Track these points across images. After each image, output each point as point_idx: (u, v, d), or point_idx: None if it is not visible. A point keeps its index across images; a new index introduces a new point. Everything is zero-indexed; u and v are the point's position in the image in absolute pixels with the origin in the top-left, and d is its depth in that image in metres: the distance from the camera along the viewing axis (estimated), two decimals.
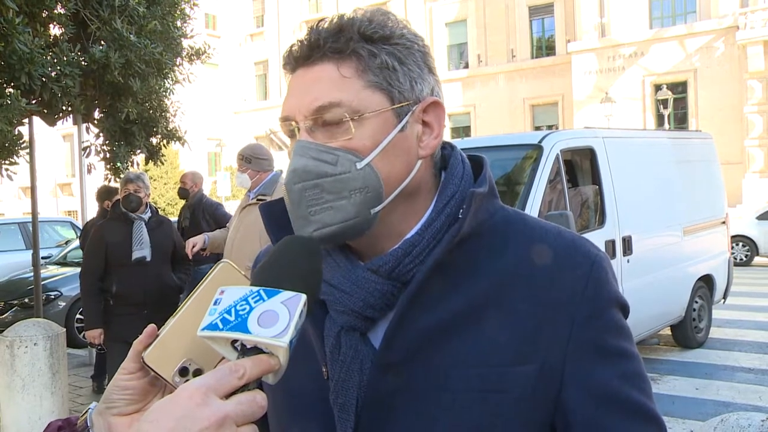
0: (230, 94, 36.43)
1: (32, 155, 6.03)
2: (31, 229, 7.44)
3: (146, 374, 0.77)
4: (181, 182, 6.77)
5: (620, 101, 25.07)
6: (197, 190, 6.63)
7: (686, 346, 7.18)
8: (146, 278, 4.53)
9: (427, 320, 0.84)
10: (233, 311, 0.65)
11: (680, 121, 25.47)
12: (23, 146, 5.44)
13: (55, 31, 5.59)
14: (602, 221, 5.81)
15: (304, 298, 0.66)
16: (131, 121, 5.97)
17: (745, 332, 7.95)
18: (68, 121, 6.50)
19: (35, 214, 6.69)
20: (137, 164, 6.73)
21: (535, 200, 5.15)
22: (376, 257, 0.87)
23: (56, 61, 5.10)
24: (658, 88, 24.87)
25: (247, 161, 4.12)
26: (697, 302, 7.14)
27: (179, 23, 6.40)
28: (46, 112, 5.67)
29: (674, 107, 24.36)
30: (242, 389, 0.62)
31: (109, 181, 6.58)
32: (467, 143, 6.58)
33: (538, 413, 0.84)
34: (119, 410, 0.77)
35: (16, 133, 5.27)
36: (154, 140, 6.56)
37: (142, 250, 4.53)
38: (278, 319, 0.64)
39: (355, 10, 0.87)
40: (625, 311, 0.89)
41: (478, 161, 0.95)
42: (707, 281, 7.34)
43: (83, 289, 4.70)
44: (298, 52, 0.87)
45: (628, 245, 5.92)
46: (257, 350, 0.65)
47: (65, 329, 4.74)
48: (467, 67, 31.01)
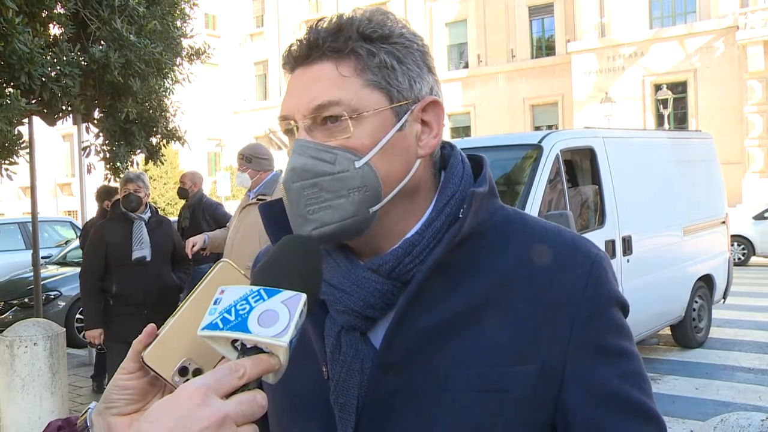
0: (230, 94, 36.42)
1: (32, 155, 6.03)
2: (31, 229, 7.44)
3: (146, 374, 0.77)
4: (180, 182, 6.77)
5: (620, 101, 25.07)
6: (197, 190, 6.63)
7: (686, 345, 7.18)
8: (146, 278, 4.53)
9: (427, 320, 0.84)
10: (233, 311, 0.65)
11: (680, 121, 25.48)
12: (23, 146, 5.44)
13: (54, 30, 5.58)
14: (602, 221, 5.81)
15: (304, 297, 0.66)
16: (131, 121, 5.97)
17: (745, 332, 7.94)
18: (68, 121, 6.49)
19: (35, 214, 6.69)
20: (137, 164, 6.73)
21: (535, 200, 5.15)
22: (375, 257, 0.87)
23: (56, 60, 5.10)
24: (658, 88, 24.87)
25: (247, 161, 4.12)
26: (697, 302, 7.14)
27: (179, 23, 6.40)
28: (46, 111, 5.67)
29: (674, 107, 24.36)
30: (242, 389, 0.62)
31: (109, 181, 6.57)
32: (467, 143, 6.58)
33: (538, 413, 0.83)
34: (119, 410, 0.77)
35: (16, 133, 5.27)
36: (154, 140, 6.56)
37: (142, 250, 4.54)
38: (278, 318, 0.64)
39: (354, 9, 0.87)
40: (625, 310, 0.89)
41: (478, 161, 0.95)
42: (707, 281, 7.34)
43: (83, 289, 4.70)
44: (297, 51, 0.87)
45: (627, 245, 5.92)
46: (257, 350, 0.65)
47: (65, 329, 4.74)
48: (467, 67, 31.01)
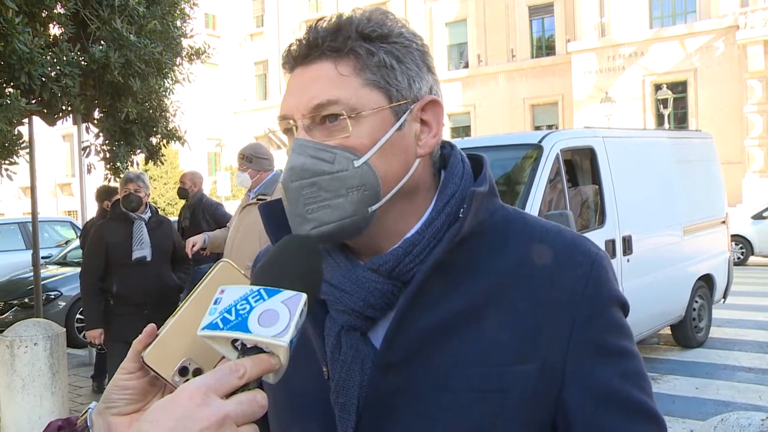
0: (230, 94, 36.42)
1: (32, 155, 6.03)
2: (31, 229, 7.44)
3: (146, 374, 0.77)
4: (180, 182, 6.77)
5: (620, 101, 25.07)
6: (197, 190, 6.62)
7: (686, 345, 7.18)
8: (146, 278, 4.53)
9: (427, 320, 0.84)
10: (233, 310, 0.65)
11: (680, 120, 25.47)
12: (23, 146, 5.44)
13: (54, 30, 5.58)
14: (602, 221, 5.81)
15: (304, 297, 0.66)
16: (131, 120, 5.97)
17: (745, 332, 7.94)
18: (68, 121, 6.49)
19: (35, 214, 6.69)
20: (137, 164, 6.73)
21: (535, 200, 5.15)
22: (376, 256, 0.87)
23: (56, 60, 5.09)
24: (658, 87, 24.87)
25: (247, 160, 4.12)
26: (697, 302, 7.14)
27: (179, 23, 6.40)
28: (45, 111, 5.67)
29: (674, 107, 24.35)
30: (243, 389, 0.62)
31: (109, 181, 6.57)
32: (467, 143, 6.59)
33: (538, 413, 0.83)
34: (119, 410, 0.77)
35: (15, 133, 5.26)
36: (154, 140, 6.56)
37: (142, 250, 4.54)
38: (279, 318, 0.64)
39: (354, 9, 0.87)
40: (625, 310, 0.89)
41: (478, 160, 0.95)
42: (707, 281, 7.34)
43: (83, 289, 4.70)
44: (296, 51, 0.87)
45: (628, 245, 5.92)
46: (258, 350, 0.64)
47: (65, 329, 4.74)
48: (467, 66, 31.00)
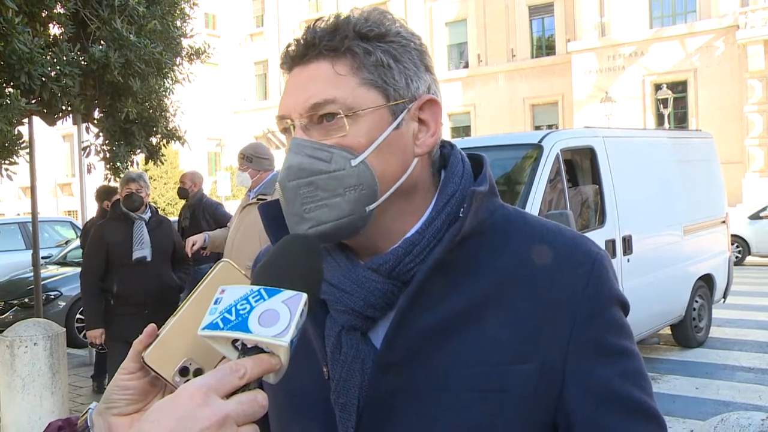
0: (230, 93, 36.42)
1: (32, 155, 6.03)
2: (31, 229, 7.44)
3: (146, 374, 0.77)
4: (180, 182, 6.77)
5: (620, 101, 25.07)
6: (197, 190, 6.62)
7: (686, 345, 7.17)
8: (147, 278, 4.53)
9: (427, 320, 0.84)
10: (234, 310, 0.65)
11: (680, 120, 25.47)
12: (23, 146, 5.44)
13: (54, 30, 5.58)
14: (602, 221, 5.81)
15: (305, 297, 0.66)
16: (131, 120, 5.97)
17: (745, 331, 7.94)
18: (68, 120, 6.49)
19: (35, 214, 6.69)
20: (137, 164, 6.73)
21: (535, 200, 5.15)
22: (376, 256, 0.87)
23: (56, 60, 5.09)
24: (658, 87, 24.86)
25: (248, 160, 4.11)
26: (697, 301, 7.14)
27: (179, 23, 6.40)
28: (45, 111, 5.67)
29: (674, 107, 24.35)
30: (243, 389, 0.62)
31: (109, 181, 6.57)
32: (467, 143, 6.59)
33: (538, 413, 0.83)
34: (119, 410, 0.77)
35: (15, 132, 5.27)
36: (153, 140, 6.56)
37: (142, 250, 4.54)
38: (279, 318, 0.64)
39: (352, 9, 0.87)
40: (625, 309, 0.89)
41: (477, 160, 0.95)
42: (707, 280, 7.34)
43: (84, 289, 4.70)
44: (294, 51, 0.87)
45: (628, 245, 5.92)
46: (258, 350, 0.64)
47: (65, 329, 4.74)
48: (467, 66, 31.00)
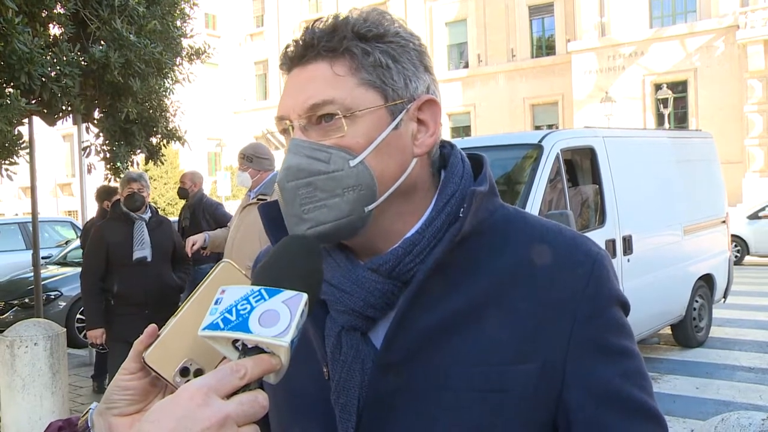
0: (230, 93, 36.42)
1: (32, 155, 6.03)
2: (31, 229, 7.44)
3: (147, 374, 0.77)
4: (180, 182, 6.77)
5: (620, 101, 25.07)
6: (197, 189, 6.62)
7: (687, 345, 7.17)
8: (147, 278, 4.53)
9: (427, 320, 0.84)
10: (234, 311, 0.65)
11: (680, 120, 25.47)
12: (23, 146, 5.44)
13: (54, 30, 5.58)
14: (602, 220, 5.81)
15: (305, 297, 0.66)
16: (131, 120, 5.97)
17: (745, 331, 7.94)
18: (68, 121, 6.49)
19: (35, 214, 6.69)
20: (137, 164, 6.73)
21: (535, 200, 5.15)
22: (375, 256, 0.86)
23: (56, 60, 5.09)
24: (658, 87, 24.86)
25: (248, 160, 4.11)
26: (697, 301, 7.14)
27: (179, 23, 6.40)
28: (45, 112, 5.67)
29: (674, 106, 24.35)
30: (244, 389, 0.62)
31: (109, 181, 6.57)
32: (467, 143, 6.58)
33: (538, 413, 0.83)
34: (120, 411, 0.77)
35: (16, 133, 5.26)
36: (154, 140, 6.56)
37: (143, 250, 4.53)
38: (279, 318, 0.64)
39: (351, 10, 0.87)
40: (626, 309, 0.89)
41: (477, 160, 0.95)
42: (707, 280, 7.34)
43: (84, 289, 4.70)
44: (293, 52, 0.87)
45: (628, 244, 5.92)
46: (258, 350, 0.64)
47: (65, 329, 4.73)
48: (467, 66, 31.00)
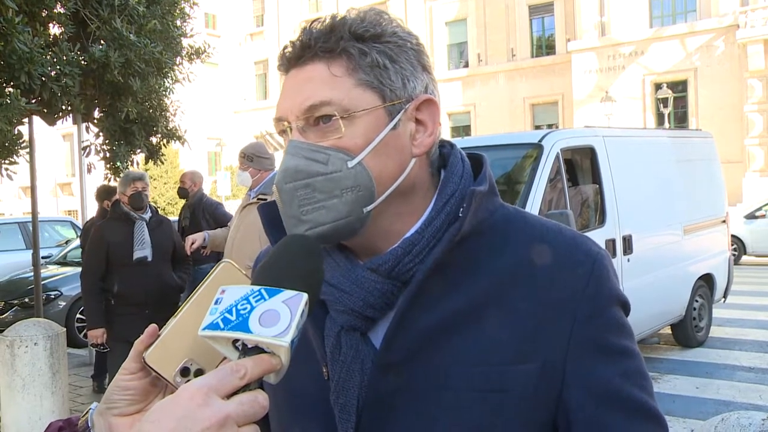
0: (230, 93, 36.41)
1: (32, 155, 6.03)
2: (31, 229, 7.44)
3: (147, 374, 0.77)
4: (180, 182, 6.76)
5: (620, 100, 25.06)
6: (197, 189, 6.62)
7: (687, 345, 7.17)
8: (147, 278, 4.52)
9: (427, 320, 0.84)
10: (234, 310, 0.65)
11: (680, 120, 25.47)
12: (23, 146, 5.44)
13: (54, 30, 5.58)
14: (602, 220, 5.81)
15: (305, 297, 0.66)
16: (131, 120, 5.97)
17: (745, 331, 7.94)
18: (68, 120, 6.49)
19: (35, 214, 6.69)
20: (137, 164, 6.73)
21: (535, 199, 5.15)
22: (375, 256, 0.86)
23: (56, 60, 5.09)
24: (658, 87, 24.86)
25: (249, 159, 4.11)
26: (697, 301, 7.14)
27: (179, 22, 6.40)
28: (45, 111, 5.67)
29: (674, 106, 24.34)
30: (244, 389, 0.62)
31: (109, 180, 6.57)
32: (467, 142, 6.58)
33: (538, 413, 0.83)
34: (120, 411, 0.77)
35: (15, 132, 5.26)
36: (154, 140, 6.57)
37: (143, 250, 4.53)
38: (280, 318, 0.64)
39: (349, 10, 0.87)
40: (626, 309, 0.89)
41: (477, 160, 0.95)
42: (707, 280, 7.34)
43: (84, 289, 4.70)
44: (290, 53, 0.87)
45: (628, 244, 5.92)
46: (259, 350, 0.64)
47: (65, 329, 4.73)
48: (467, 66, 30.99)
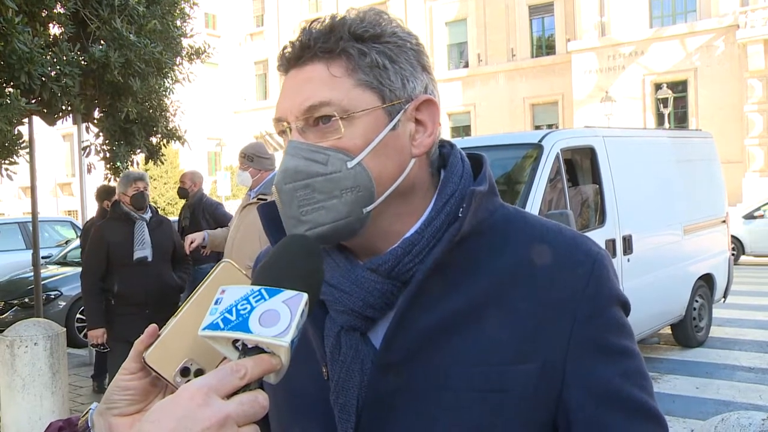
0: (230, 93, 36.41)
1: (32, 155, 6.03)
2: (31, 229, 7.44)
3: (147, 374, 0.77)
4: (180, 182, 6.76)
5: (620, 100, 25.06)
6: (197, 189, 6.61)
7: (687, 345, 7.17)
8: (147, 278, 4.52)
9: (427, 320, 0.84)
10: (234, 311, 0.65)
11: (680, 120, 25.47)
12: (23, 146, 5.44)
13: (54, 30, 5.58)
14: (602, 220, 5.81)
15: (305, 297, 0.66)
16: (131, 120, 5.97)
17: (745, 331, 7.94)
18: (68, 120, 6.49)
19: (35, 214, 6.69)
20: (137, 164, 6.73)
21: (535, 199, 5.15)
22: (375, 257, 0.86)
23: (56, 60, 5.09)
24: (658, 87, 24.86)
25: (249, 159, 4.11)
26: (697, 301, 7.14)
27: (179, 22, 6.40)
28: (45, 111, 5.67)
29: (674, 106, 24.34)
30: (244, 389, 0.62)
31: (109, 180, 6.57)
32: (467, 142, 6.58)
33: (538, 413, 0.83)
34: (120, 411, 0.77)
35: (15, 132, 5.27)
36: (154, 140, 6.57)
37: (143, 250, 4.53)
38: (280, 318, 0.64)
39: (348, 10, 0.87)
40: (626, 309, 0.89)
41: (477, 160, 0.95)
42: (707, 280, 7.34)
43: (85, 288, 4.70)
44: (290, 53, 0.87)
45: (628, 244, 5.92)
46: (259, 350, 0.64)
47: (65, 329, 4.73)
48: (467, 66, 30.99)
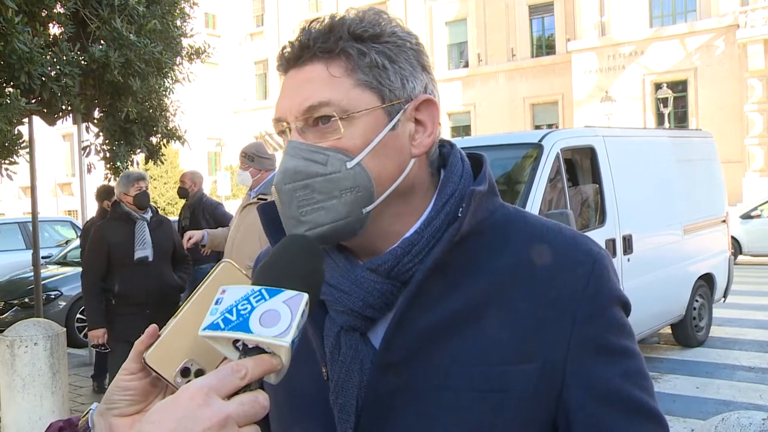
0: (230, 93, 36.40)
1: (32, 155, 6.03)
2: (31, 228, 7.44)
3: (148, 375, 0.77)
4: (180, 182, 6.76)
5: (620, 100, 25.06)
6: (197, 189, 6.61)
7: (687, 344, 7.17)
8: (148, 278, 4.52)
9: (427, 320, 0.84)
10: (234, 311, 0.65)
11: (680, 119, 25.46)
12: (23, 146, 5.44)
13: (54, 30, 5.59)
14: (602, 220, 5.81)
15: (306, 297, 0.66)
16: (131, 120, 5.97)
17: (745, 331, 7.94)
18: (68, 120, 6.49)
19: (35, 214, 6.69)
20: (137, 164, 6.73)
21: (535, 199, 5.15)
22: (374, 257, 0.86)
23: (56, 60, 5.09)
24: (658, 86, 24.85)
25: (249, 159, 4.10)
26: (697, 301, 7.14)
27: (179, 22, 6.41)
28: (45, 111, 5.67)
29: (674, 106, 24.34)
30: (244, 389, 0.62)
31: (109, 180, 6.57)
32: (467, 142, 6.58)
33: (538, 413, 0.83)
34: (120, 411, 0.77)
35: (15, 132, 5.27)
36: (153, 139, 6.57)
37: (144, 249, 4.53)
38: (280, 318, 0.64)
39: (348, 10, 0.87)
40: (626, 309, 0.89)
41: (477, 159, 0.95)
42: (708, 280, 7.34)
43: (85, 289, 4.70)
44: (289, 53, 0.86)
45: (628, 244, 5.92)
46: (259, 350, 0.64)
47: (65, 329, 4.73)
48: (467, 66, 30.99)
